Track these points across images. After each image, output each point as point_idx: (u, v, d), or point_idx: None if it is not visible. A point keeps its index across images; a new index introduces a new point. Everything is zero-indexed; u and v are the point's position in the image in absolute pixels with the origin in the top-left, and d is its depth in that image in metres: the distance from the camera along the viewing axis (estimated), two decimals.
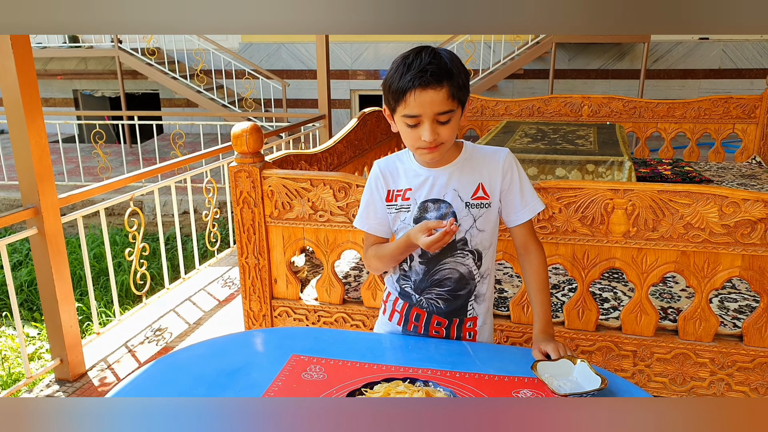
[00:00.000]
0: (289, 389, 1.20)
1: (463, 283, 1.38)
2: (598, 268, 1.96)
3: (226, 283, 3.65)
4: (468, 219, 1.34)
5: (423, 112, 1.21)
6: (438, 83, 1.19)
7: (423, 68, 1.18)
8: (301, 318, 2.32)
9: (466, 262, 1.36)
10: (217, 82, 8.72)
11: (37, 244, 2.42)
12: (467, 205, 1.33)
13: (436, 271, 1.37)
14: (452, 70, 1.20)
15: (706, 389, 1.98)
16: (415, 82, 1.18)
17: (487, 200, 1.34)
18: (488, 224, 1.36)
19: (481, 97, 5.02)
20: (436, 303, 1.40)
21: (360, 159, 3.52)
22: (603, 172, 2.97)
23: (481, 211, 1.34)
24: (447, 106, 1.21)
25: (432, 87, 1.18)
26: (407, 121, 1.24)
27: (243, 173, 2.19)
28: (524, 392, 1.18)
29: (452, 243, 1.34)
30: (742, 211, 1.80)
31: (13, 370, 3.60)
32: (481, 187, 1.34)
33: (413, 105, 1.21)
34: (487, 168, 1.35)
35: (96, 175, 6.97)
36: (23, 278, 5.23)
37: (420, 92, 1.19)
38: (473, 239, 1.35)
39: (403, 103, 1.22)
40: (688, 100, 4.66)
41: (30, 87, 2.29)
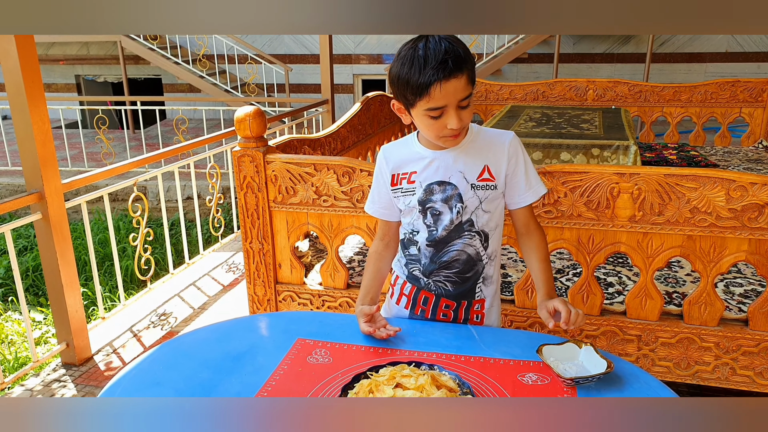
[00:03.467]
0: (295, 373, 1.20)
1: (470, 264, 1.38)
2: (603, 253, 1.95)
3: (230, 268, 3.66)
4: (474, 200, 1.34)
5: (448, 102, 1.21)
6: (459, 71, 1.18)
7: (443, 59, 1.17)
8: (306, 303, 2.32)
9: (474, 244, 1.36)
10: (219, 67, 8.67)
11: (42, 229, 2.43)
12: (473, 187, 1.33)
13: (444, 253, 1.37)
14: (467, 55, 1.21)
15: (710, 373, 1.98)
16: (439, 74, 1.17)
17: (493, 182, 1.34)
18: (493, 206, 1.36)
19: (485, 81, 4.98)
20: (444, 286, 1.40)
21: (364, 144, 3.50)
22: (608, 157, 2.94)
23: (487, 193, 1.34)
24: (468, 91, 1.22)
25: (455, 76, 1.18)
26: (432, 113, 1.23)
27: (246, 158, 2.18)
28: (529, 376, 1.18)
29: (459, 225, 1.35)
30: (749, 195, 1.78)
31: (20, 354, 3.63)
32: (486, 168, 1.34)
33: (438, 97, 1.20)
34: (493, 150, 1.34)
35: (99, 161, 6.97)
36: (29, 263, 5.26)
37: (444, 84, 1.18)
38: (479, 220, 1.35)
39: (426, 97, 1.20)
40: (694, 83, 4.61)
41: (32, 71, 2.28)
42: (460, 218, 1.34)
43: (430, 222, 1.36)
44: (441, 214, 1.35)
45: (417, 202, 1.36)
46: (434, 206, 1.35)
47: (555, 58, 7.52)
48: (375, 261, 1.48)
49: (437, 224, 1.36)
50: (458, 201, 1.33)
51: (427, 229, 1.37)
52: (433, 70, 1.17)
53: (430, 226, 1.36)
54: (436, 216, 1.35)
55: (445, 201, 1.34)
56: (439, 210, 1.35)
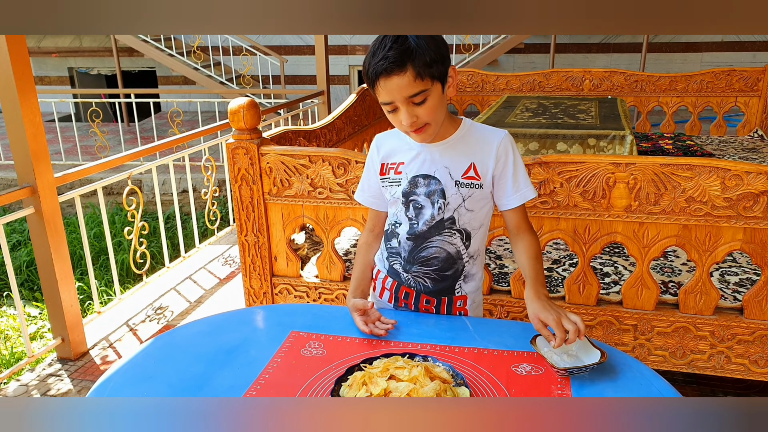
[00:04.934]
0: (288, 365, 1.20)
1: (450, 262, 1.36)
2: (599, 243, 1.94)
3: (226, 261, 3.65)
4: (457, 197, 1.31)
5: (393, 98, 1.19)
6: (400, 68, 1.15)
7: (384, 55, 1.15)
8: (302, 295, 2.32)
9: (454, 242, 1.34)
10: (214, 58, 8.61)
11: (35, 223, 2.41)
12: (457, 184, 1.31)
13: (423, 248, 1.36)
14: (415, 50, 1.15)
15: (705, 362, 1.98)
16: (378, 71, 1.16)
17: (478, 181, 1.31)
18: (478, 205, 1.33)
19: (481, 71, 4.95)
20: (424, 282, 1.38)
21: (359, 135, 3.48)
22: (604, 147, 2.93)
23: (471, 191, 1.31)
24: (416, 88, 1.17)
25: (395, 73, 1.15)
26: (385, 107, 1.23)
27: (240, 150, 2.17)
28: (523, 366, 1.18)
29: (440, 221, 1.33)
30: (744, 183, 1.78)
31: (15, 349, 3.62)
32: (473, 166, 1.31)
33: (383, 93, 1.19)
34: (482, 148, 1.31)
35: (94, 155, 6.93)
36: (23, 258, 5.24)
37: (385, 80, 1.17)
38: (461, 218, 1.33)
39: (375, 91, 1.20)
40: (690, 73, 4.59)
41: (22, 63, 2.26)
42: (441, 214, 1.32)
43: (412, 215, 1.35)
44: (423, 208, 1.33)
45: (401, 193, 1.34)
46: (417, 199, 1.33)
47: (551, 48, 7.49)
48: (365, 252, 1.47)
49: (419, 218, 1.34)
50: (440, 197, 1.31)
51: (409, 222, 1.35)
52: (375, 66, 1.16)
53: (412, 219, 1.35)
54: (419, 209, 1.33)
55: (428, 195, 1.32)
56: (421, 204, 1.33)
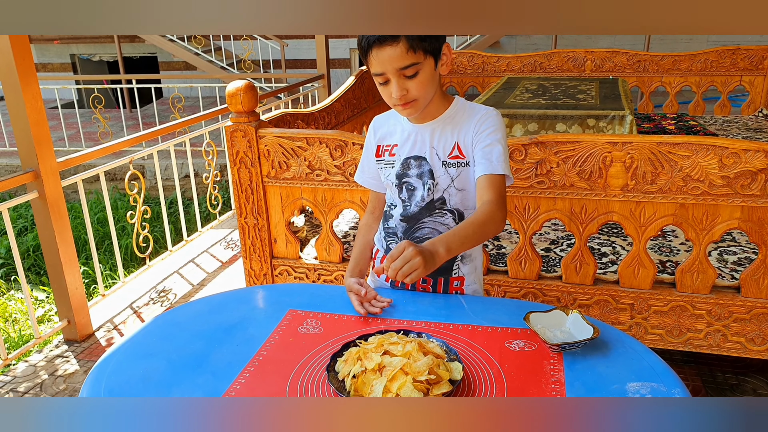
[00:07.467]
0: (286, 342, 1.22)
1: None
2: (596, 222, 1.95)
3: (228, 245, 3.68)
4: (445, 178, 1.32)
5: (385, 69, 1.20)
6: (393, 38, 1.16)
7: None
8: (302, 276, 2.34)
9: (447, 222, 1.35)
10: (215, 44, 8.57)
11: (39, 207, 2.44)
12: (444, 164, 1.31)
13: (417, 229, 1.37)
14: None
15: (702, 340, 2.00)
16: (371, 41, 1.17)
17: (463, 159, 1.30)
18: (468, 184, 1.32)
19: (482, 53, 4.92)
20: None
21: (359, 118, 3.48)
22: (604, 127, 2.93)
23: (459, 170, 1.31)
24: (408, 60, 1.18)
25: (388, 43, 1.16)
26: (377, 79, 1.23)
27: (239, 133, 2.18)
28: (516, 342, 1.19)
29: (431, 202, 1.34)
30: (742, 161, 1.78)
31: (23, 332, 3.68)
32: (456, 146, 1.31)
33: (375, 63, 1.20)
34: (466, 125, 1.30)
35: (97, 141, 6.94)
36: (29, 243, 5.29)
37: (378, 50, 1.18)
38: (452, 199, 1.34)
39: (368, 62, 1.21)
40: (694, 52, 4.54)
41: (22, 49, 2.27)
42: (432, 195, 1.33)
43: (405, 197, 1.36)
44: (415, 190, 1.34)
45: (395, 175, 1.36)
46: (410, 181, 1.34)
47: None
48: (365, 233, 1.49)
49: (411, 200, 1.35)
50: (429, 177, 1.32)
51: (402, 204, 1.37)
52: (368, 36, 1.18)
53: (405, 201, 1.36)
54: (411, 191, 1.35)
55: (419, 177, 1.33)
56: (413, 185, 1.34)
